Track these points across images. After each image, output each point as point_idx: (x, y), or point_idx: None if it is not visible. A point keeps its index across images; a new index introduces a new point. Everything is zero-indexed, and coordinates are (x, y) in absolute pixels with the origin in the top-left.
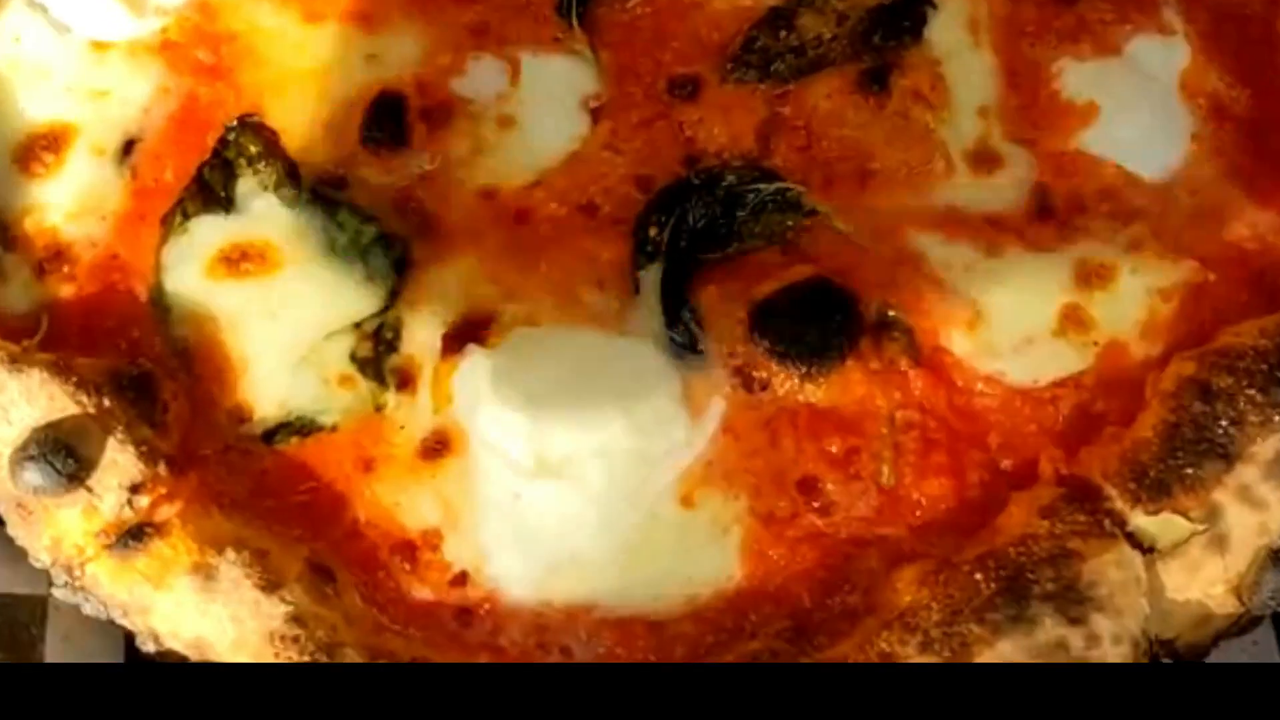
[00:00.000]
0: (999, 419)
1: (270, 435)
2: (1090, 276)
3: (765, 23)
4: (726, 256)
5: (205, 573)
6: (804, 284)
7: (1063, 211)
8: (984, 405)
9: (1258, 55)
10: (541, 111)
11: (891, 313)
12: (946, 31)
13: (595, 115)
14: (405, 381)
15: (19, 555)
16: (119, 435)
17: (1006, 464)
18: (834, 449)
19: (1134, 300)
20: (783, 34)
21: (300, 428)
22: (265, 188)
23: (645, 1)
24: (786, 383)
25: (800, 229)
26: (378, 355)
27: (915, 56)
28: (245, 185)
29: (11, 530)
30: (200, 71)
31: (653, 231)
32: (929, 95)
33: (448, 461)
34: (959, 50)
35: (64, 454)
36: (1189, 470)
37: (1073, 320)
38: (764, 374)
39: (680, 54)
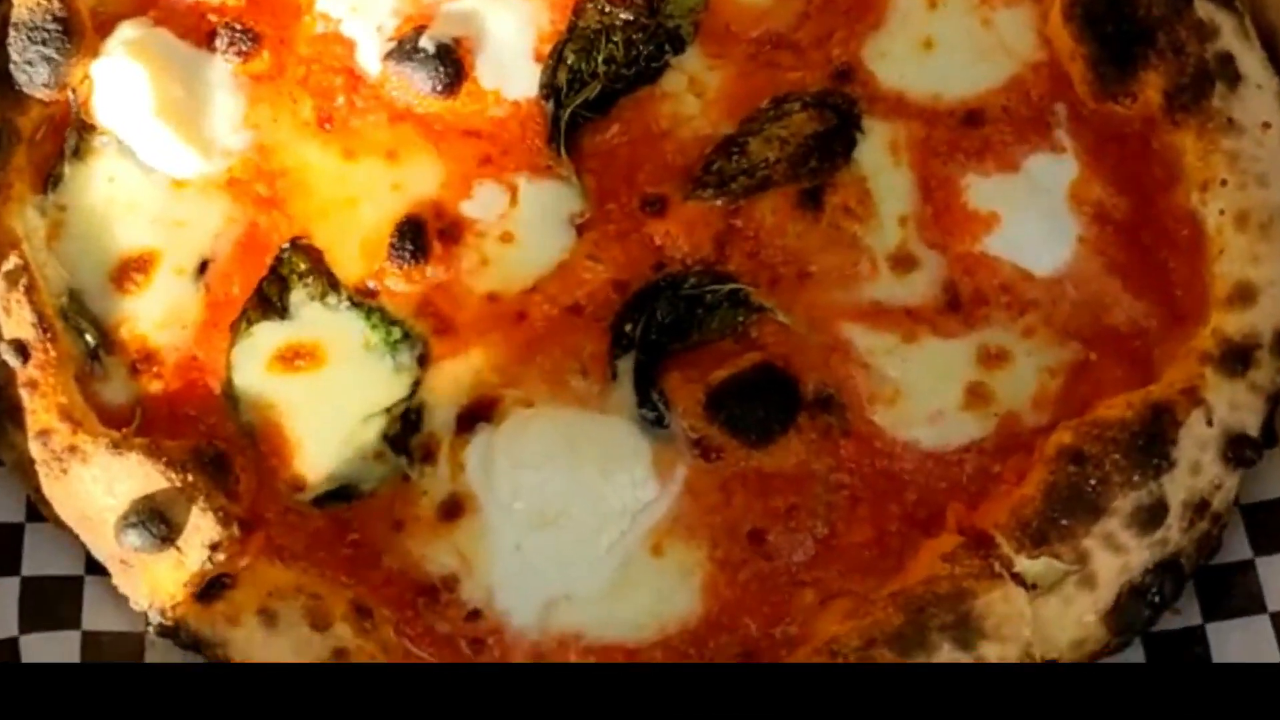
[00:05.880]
0: (914, 478)
1: (320, 500)
2: (991, 358)
3: (721, 149)
4: (689, 346)
5: (269, 614)
6: (752, 369)
7: (968, 304)
8: (902, 467)
9: (1135, 169)
10: (536, 228)
11: (826, 391)
12: (872, 154)
13: (580, 230)
14: (427, 455)
15: (121, 600)
16: (201, 504)
17: (920, 516)
18: (778, 506)
19: (1028, 377)
20: (735, 158)
21: (344, 494)
22: (313, 298)
23: (622, 132)
24: (738, 452)
25: (750, 322)
26: (405, 434)
27: (845, 176)
28: (297, 296)
29: (116, 580)
30: (259, 203)
31: (628, 328)
32: (857, 209)
33: (462, 520)
34: (883, 169)
35: (158, 520)
36: (1064, 522)
37: (976, 395)
38: (719, 445)
39: (651, 176)
